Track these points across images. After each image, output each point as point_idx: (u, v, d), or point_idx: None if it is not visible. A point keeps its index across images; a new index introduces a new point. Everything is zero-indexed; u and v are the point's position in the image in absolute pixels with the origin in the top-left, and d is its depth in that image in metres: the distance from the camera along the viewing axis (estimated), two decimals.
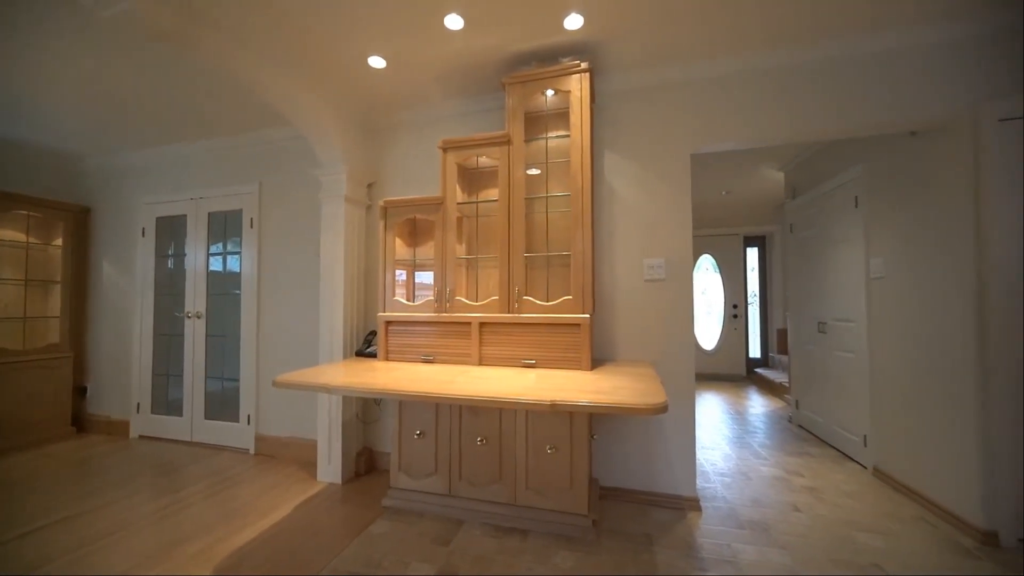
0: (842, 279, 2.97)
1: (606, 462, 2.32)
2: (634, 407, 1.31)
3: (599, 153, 2.38)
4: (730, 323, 6.08)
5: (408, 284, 2.58)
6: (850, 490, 2.42)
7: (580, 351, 1.96)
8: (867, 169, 2.64)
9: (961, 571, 1.68)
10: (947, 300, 2.04)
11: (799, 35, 1.98)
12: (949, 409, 2.03)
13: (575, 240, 1.97)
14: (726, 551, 1.83)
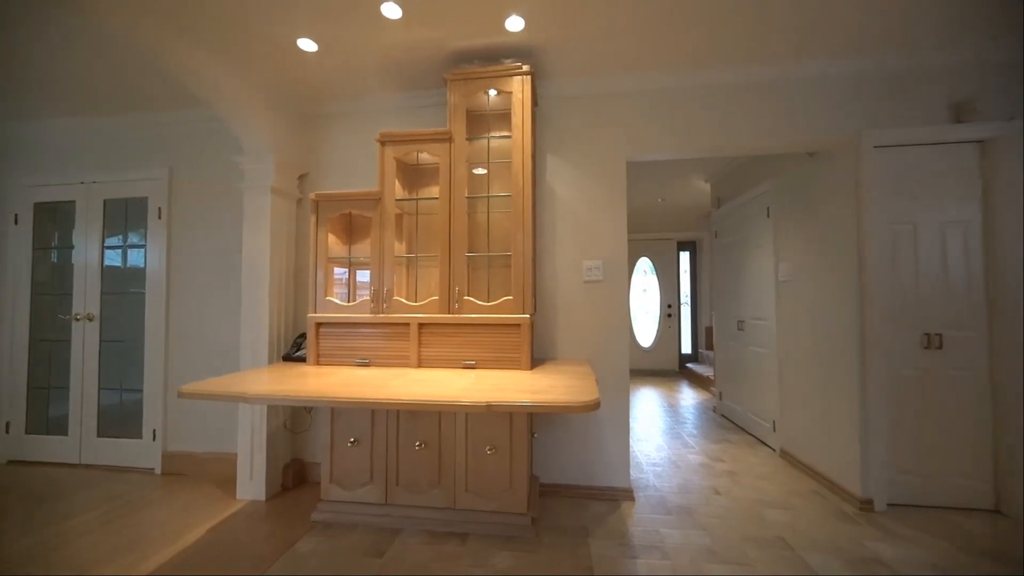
0: (757, 282, 3.29)
1: (547, 459, 2.37)
2: (567, 405, 1.34)
3: (541, 156, 2.42)
4: (665, 322, 6.51)
5: (345, 283, 2.44)
6: (762, 471, 2.69)
7: (520, 351, 1.98)
8: (776, 184, 2.95)
9: (841, 533, 1.92)
10: (837, 300, 2.34)
11: (724, 58, 2.15)
12: (836, 396, 2.33)
13: (516, 240, 1.99)
14: (655, 537, 1.94)
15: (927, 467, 2.17)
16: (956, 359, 2.15)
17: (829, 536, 1.93)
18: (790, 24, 1.90)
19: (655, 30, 1.93)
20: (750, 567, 1.72)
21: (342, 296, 2.40)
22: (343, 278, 2.44)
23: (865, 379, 2.15)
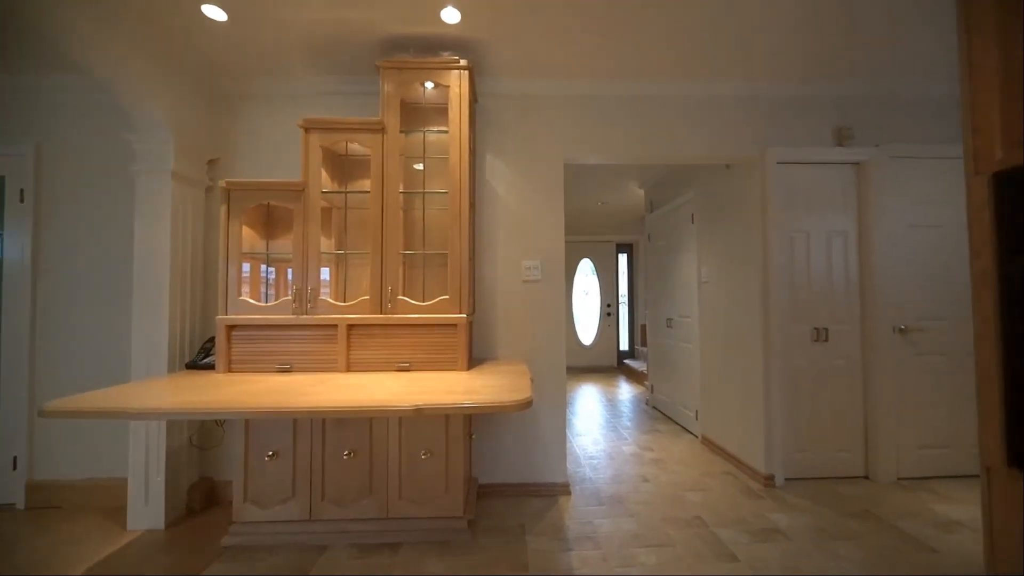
0: (683, 283, 3.55)
1: (485, 460, 2.35)
2: (498, 405, 1.34)
3: (481, 154, 2.39)
4: (605, 320, 6.81)
5: (269, 283, 2.22)
6: (684, 457, 2.91)
7: (457, 352, 1.94)
8: (699, 192, 3.21)
9: (747, 508, 2.14)
10: (746, 299, 2.59)
11: (651, 72, 2.28)
12: (745, 386, 2.58)
13: (453, 239, 1.94)
14: (588, 527, 2.01)
15: (816, 444, 2.49)
16: (838, 350, 2.50)
17: (738, 511, 2.14)
18: (708, 47, 2.06)
19: (588, 40, 1.99)
20: (671, 547, 1.84)
21: (260, 296, 2.18)
22: (267, 277, 2.22)
23: (767, 369, 2.41)
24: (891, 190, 2.44)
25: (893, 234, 2.44)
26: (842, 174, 2.50)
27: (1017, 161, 1.00)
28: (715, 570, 1.69)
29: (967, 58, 1.11)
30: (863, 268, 2.49)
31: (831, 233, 2.50)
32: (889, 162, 2.43)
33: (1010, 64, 1.01)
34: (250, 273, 2.18)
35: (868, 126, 2.45)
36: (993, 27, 1.04)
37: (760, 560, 1.75)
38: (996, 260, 1.05)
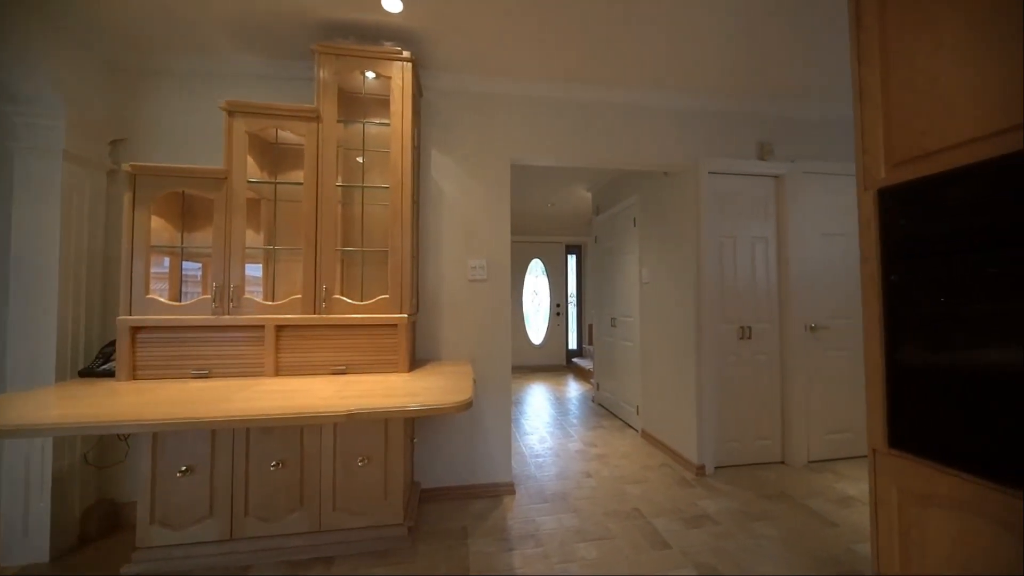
0: (626, 283, 3.70)
1: (429, 463, 2.29)
2: (437, 407, 1.30)
3: (426, 150, 2.33)
4: (554, 320, 6.94)
5: (193, 280, 2.01)
6: (626, 452, 3.03)
7: (398, 353, 1.87)
8: (640, 197, 3.36)
9: (681, 496, 2.27)
10: (681, 300, 2.75)
11: (596, 78, 2.35)
12: (681, 381, 2.74)
13: (394, 236, 1.87)
14: (531, 526, 2.02)
15: (742, 434, 2.70)
16: (760, 346, 2.72)
17: (672, 501, 2.26)
18: (649, 58, 2.15)
19: (538, 42, 2.01)
20: (611, 539, 1.90)
21: (181, 294, 1.97)
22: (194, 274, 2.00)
23: (699, 366, 2.57)
24: (804, 201, 2.71)
25: (806, 241, 2.71)
26: (764, 185, 2.74)
27: (897, 180, 1.13)
28: (650, 558, 1.77)
29: (858, 87, 1.25)
30: (781, 271, 2.73)
31: (755, 239, 2.72)
32: (802, 176, 2.69)
33: (891, 94, 1.15)
34: (169, 270, 1.97)
35: (786, 143, 2.71)
36: (878, 60, 1.18)
37: (690, 545, 1.85)
38: (881, 266, 1.19)
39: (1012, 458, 0.88)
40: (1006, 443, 0.89)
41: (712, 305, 2.61)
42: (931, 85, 1.04)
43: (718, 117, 2.63)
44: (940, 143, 1.02)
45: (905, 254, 1.11)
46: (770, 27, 1.93)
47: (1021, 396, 0.86)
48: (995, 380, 0.91)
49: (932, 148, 1.04)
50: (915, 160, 1.09)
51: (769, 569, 1.69)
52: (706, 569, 1.69)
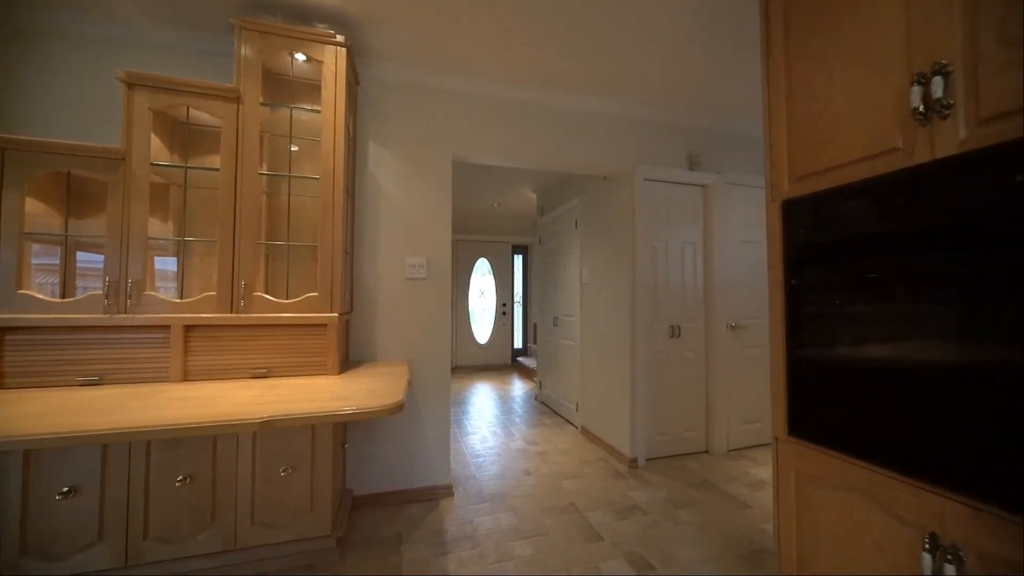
0: (568, 283, 3.80)
1: (362, 469, 2.19)
2: (364, 411, 1.24)
3: (363, 142, 2.23)
4: (500, 319, 6.96)
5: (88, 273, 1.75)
6: (566, 448, 3.11)
7: (327, 354, 1.77)
8: (582, 200, 3.47)
9: (615, 489, 2.37)
10: (618, 300, 2.87)
11: (540, 81, 2.38)
12: (616, 378, 2.86)
13: (324, 230, 1.76)
14: (468, 527, 2.00)
15: (671, 426, 2.87)
16: (688, 344, 2.91)
17: (607, 494, 2.35)
18: (591, 64, 2.22)
19: (484, 38, 2.00)
20: (546, 535, 1.94)
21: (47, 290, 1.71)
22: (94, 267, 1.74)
23: (633, 363, 2.70)
24: (727, 210, 2.94)
25: (728, 247, 2.95)
26: (693, 194, 2.94)
27: (798, 193, 1.26)
28: (582, 551, 1.82)
29: (767, 107, 1.37)
30: (707, 274, 2.95)
31: (684, 243, 2.91)
32: (726, 187, 2.92)
33: (794, 115, 1.28)
34: (61, 261, 1.71)
35: (712, 155, 2.92)
36: (784, 84, 1.31)
37: (620, 536, 1.94)
38: (784, 271, 1.32)
39: (884, 442, 1.00)
40: (880, 429, 1.01)
41: (646, 305, 2.75)
42: (825, 110, 1.16)
43: (653, 127, 2.78)
44: (831, 162, 1.15)
45: (803, 260, 1.23)
46: (697, 51, 2.07)
47: (892, 387, 0.99)
48: (872, 373, 1.04)
49: (825, 166, 1.17)
50: (812, 176, 1.21)
51: (689, 553, 1.81)
52: (634, 558, 1.77)
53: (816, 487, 1.18)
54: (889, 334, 0.99)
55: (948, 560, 0.85)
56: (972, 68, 0.83)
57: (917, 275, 0.93)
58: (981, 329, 0.82)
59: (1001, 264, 0.79)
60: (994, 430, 0.80)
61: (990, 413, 0.81)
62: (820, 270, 1.18)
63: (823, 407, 1.16)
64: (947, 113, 0.86)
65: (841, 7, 1.11)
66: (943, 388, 0.88)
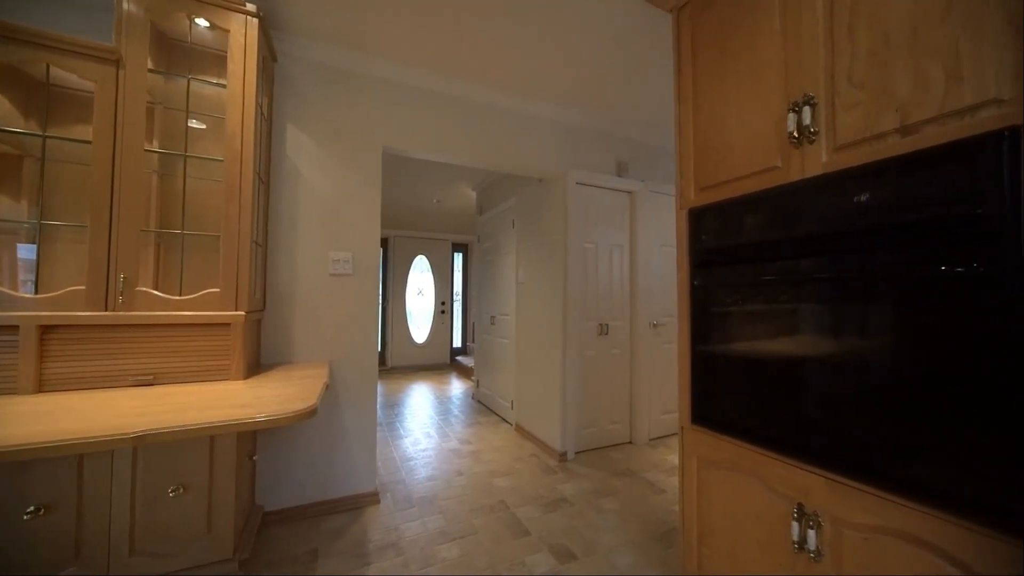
0: (505, 282, 3.82)
1: (276, 482, 2.01)
2: (267, 419, 1.13)
3: (280, 124, 2.04)
4: (439, 318, 6.82)
5: None
6: (500, 446, 3.12)
7: (231, 357, 1.59)
8: (519, 200, 3.51)
9: (544, 484, 2.43)
10: (551, 299, 2.95)
11: (478, 78, 2.36)
12: (549, 375, 2.94)
13: (229, 217, 1.58)
14: (393, 535, 1.92)
15: (598, 419, 3.01)
16: (615, 341, 3.08)
17: (536, 489, 2.40)
18: (528, 67, 2.25)
19: (420, 24, 1.92)
20: (474, 535, 1.92)
21: None
22: None
23: (563, 360, 2.79)
24: (650, 216, 3.15)
25: (651, 250, 3.16)
26: (621, 199, 3.11)
27: (701, 202, 1.38)
28: (509, 548, 1.83)
29: (677, 121, 1.48)
30: (632, 276, 3.14)
31: (612, 246, 3.07)
32: (649, 194, 3.13)
33: (699, 130, 1.39)
34: None
35: (639, 163, 3.12)
36: (691, 101, 1.42)
37: (547, 529, 1.98)
38: (689, 273, 1.43)
39: (765, 426, 1.13)
40: (762, 415, 1.14)
41: (577, 304, 2.85)
42: (722, 127, 1.28)
43: (586, 133, 2.89)
44: (728, 175, 1.27)
45: (705, 263, 1.35)
46: (627, 64, 2.19)
47: (770, 378, 1.12)
48: (755, 365, 1.16)
49: (724, 178, 1.29)
50: (714, 187, 1.33)
51: (609, 539, 1.90)
52: (558, 549, 1.82)
53: (713, 469, 1.30)
54: (769, 331, 1.12)
55: (810, 527, 0.98)
56: (831, 102, 0.96)
57: (794, 278, 1.06)
58: (837, 326, 0.96)
59: (849, 270, 0.93)
60: (844, 412, 0.94)
61: (840, 398, 0.94)
62: (718, 273, 1.30)
63: (720, 397, 1.28)
64: (814, 139, 0.99)
65: (736, 38, 1.23)
66: (807, 377, 1.01)
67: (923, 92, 0.82)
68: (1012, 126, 0.70)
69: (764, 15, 1.14)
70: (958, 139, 0.76)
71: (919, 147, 0.82)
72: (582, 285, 2.92)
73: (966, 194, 0.75)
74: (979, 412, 0.74)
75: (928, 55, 0.81)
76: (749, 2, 1.19)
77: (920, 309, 0.81)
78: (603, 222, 3.03)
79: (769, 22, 1.13)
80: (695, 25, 1.37)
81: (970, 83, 0.75)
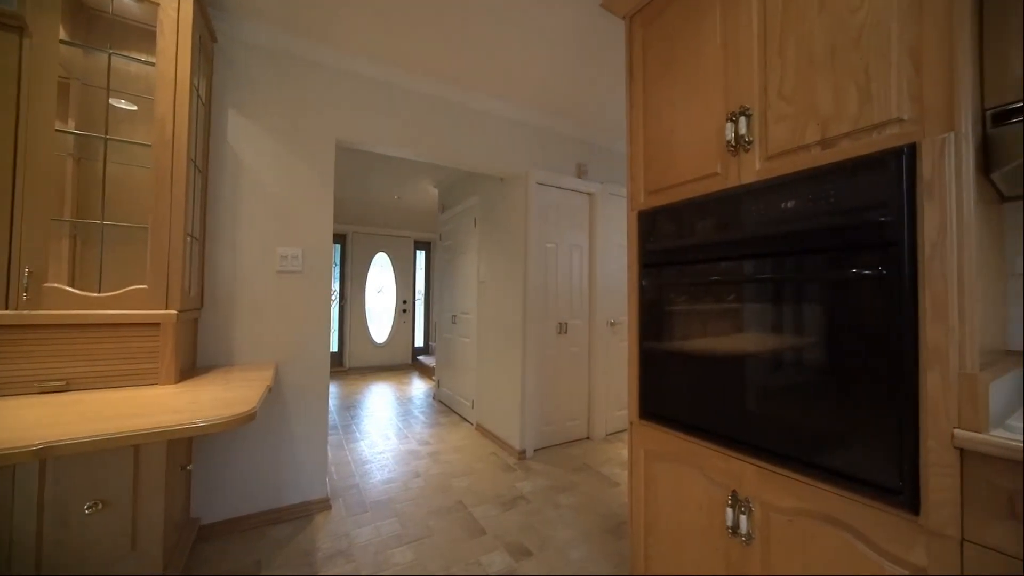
0: (467, 281, 3.79)
1: (215, 492, 1.88)
2: (198, 426, 1.05)
3: (221, 110, 1.91)
4: (400, 317, 6.66)
5: None
6: (460, 446, 3.09)
7: (160, 359, 1.46)
8: (481, 199, 3.49)
9: (503, 482, 2.44)
10: (512, 298, 2.96)
11: (438, 74, 2.31)
12: (509, 374, 2.95)
13: (159, 207, 1.46)
14: (343, 541, 1.85)
15: (557, 417, 3.06)
16: (574, 340, 3.14)
17: (494, 488, 2.40)
18: (490, 64, 2.23)
19: (377, 16, 1.86)
20: (429, 538, 1.89)
21: None
22: None
23: (524, 358, 2.81)
24: (608, 218, 3.24)
25: (609, 251, 3.25)
26: (581, 200, 3.17)
27: (649, 205, 1.43)
28: (465, 549, 1.82)
29: (629, 126, 1.53)
30: (591, 275, 3.21)
31: (572, 246, 3.13)
32: (608, 196, 3.22)
33: (649, 135, 1.44)
34: None
35: (598, 166, 3.19)
36: (642, 107, 1.47)
37: (504, 528, 1.99)
38: (638, 273, 1.48)
39: (705, 419, 1.19)
40: (702, 408, 1.20)
41: (537, 303, 2.88)
42: (670, 132, 1.33)
43: (548, 134, 2.92)
44: (674, 179, 1.32)
45: (651, 264, 1.39)
46: (588, 68, 2.23)
47: (709, 373, 1.18)
48: (696, 361, 1.22)
49: (670, 182, 1.34)
50: (661, 191, 1.38)
51: (564, 534, 1.94)
52: (513, 547, 1.83)
53: (659, 462, 1.35)
54: (708, 329, 1.18)
55: (742, 512, 1.04)
56: (764, 114, 1.03)
57: (731, 279, 1.12)
58: (768, 324, 1.02)
59: (779, 272, 0.99)
60: (772, 404, 1.00)
61: (769, 391, 1.01)
62: (663, 273, 1.34)
63: (665, 393, 1.33)
64: (749, 148, 1.05)
65: (683, 49, 1.28)
66: (741, 372, 1.07)
67: (841, 108, 0.89)
68: (910, 143, 0.78)
69: (707, 30, 1.20)
70: (868, 153, 0.84)
71: (837, 159, 0.89)
72: (542, 284, 2.95)
73: (874, 204, 0.82)
74: (874, 401, 0.82)
75: (845, 75, 0.89)
76: (696, 16, 1.24)
77: (835, 308, 0.88)
78: (564, 222, 3.07)
79: (712, 36, 1.19)
80: (646, 33, 1.42)
81: (878, 103, 0.83)
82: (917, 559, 0.78)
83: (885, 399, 0.81)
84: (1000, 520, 0.69)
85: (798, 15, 0.97)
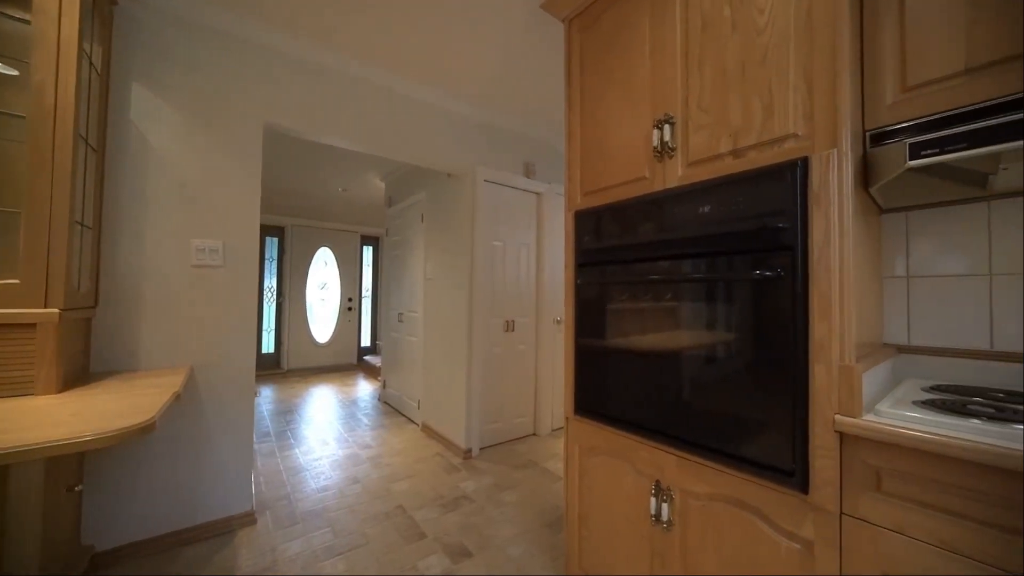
0: (413, 278, 3.69)
1: (113, 515, 1.67)
2: (75, 442, 0.92)
3: (123, 83, 1.69)
4: (345, 315, 6.35)
5: None
6: (403, 448, 3.00)
7: (39, 365, 1.27)
8: (428, 194, 3.41)
9: (446, 483, 2.40)
10: (458, 296, 2.92)
11: (389, 65, 2.21)
12: (455, 372, 2.91)
13: (35, 191, 1.26)
14: (268, 558, 1.73)
15: (503, 415, 3.06)
16: (521, 337, 3.16)
17: (437, 489, 2.35)
18: (437, 59, 2.17)
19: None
20: (364, 546, 1.81)
21: None
22: None
23: (470, 356, 2.78)
24: (555, 217, 3.30)
25: (556, 250, 3.31)
26: (528, 199, 3.20)
27: (584, 206, 1.46)
28: (402, 554, 1.76)
29: (567, 127, 1.56)
30: (538, 274, 3.25)
31: (520, 244, 3.15)
32: (555, 196, 3.27)
33: (585, 137, 1.48)
34: None
35: (545, 166, 3.23)
36: (579, 109, 1.50)
37: (444, 530, 1.95)
38: (574, 272, 1.51)
39: (633, 413, 1.23)
40: (630, 403, 1.24)
41: (484, 301, 2.87)
42: (603, 136, 1.37)
43: (496, 132, 2.91)
44: (607, 181, 1.36)
45: (585, 263, 1.43)
46: (533, 66, 2.24)
47: (636, 368, 1.22)
48: (622, 357, 1.26)
49: (603, 184, 1.38)
50: (595, 192, 1.42)
51: (505, 531, 1.94)
52: (453, 549, 1.81)
53: (592, 456, 1.39)
54: (635, 326, 1.23)
55: (664, 500, 1.09)
56: (686, 123, 1.09)
57: (654, 279, 1.17)
58: (686, 321, 1.08)
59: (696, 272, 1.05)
60: (690, 397, 1.07)
61: (687, 384, 1.07)
62: (595, 272, 1.38)
63: (597, 388, 1.37)
64: (672, 154, 1.11)
65: (617, 56, 1.32)
66: (663, 367, 1.13)
67: (748, 121, 0.96)
68: (803, 157, 0.86)
69: (638, 40, 1.24)
70: (770, 164, 0.91)
71: (744, 168, 0.96)
72: (490, 282, 2.94)
73: (774, 211, 0.89)
74: (774, 392, 0.90)
75: (752, 91, 0.96)
76: (628, 26, 1.28)
77: (743, 307, 0.95)
78: (511, 221, 3.08)
79: (641, 47, 1.23)
80: (584, 37, 1.45)
81: (779, 118, 0.90)
82: (806, 534, 0.86)
83: (782, 390, 0.89)
84: (869, 493, 0.78)
85: (715, 32, 1.04)
